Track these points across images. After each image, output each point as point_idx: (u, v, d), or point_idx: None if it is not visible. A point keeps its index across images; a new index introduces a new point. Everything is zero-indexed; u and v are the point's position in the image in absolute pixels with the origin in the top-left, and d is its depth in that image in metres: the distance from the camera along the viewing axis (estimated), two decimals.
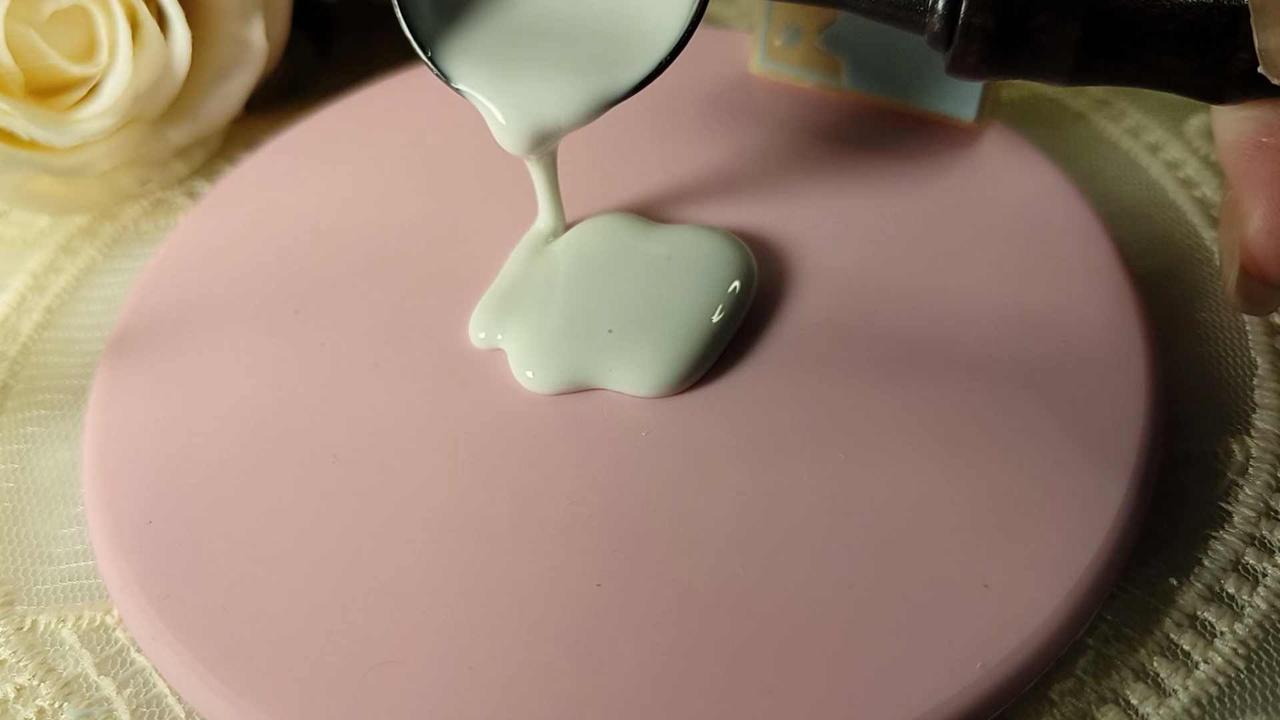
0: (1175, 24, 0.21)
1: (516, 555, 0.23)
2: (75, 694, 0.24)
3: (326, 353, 0.28)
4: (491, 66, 0.23)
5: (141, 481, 0.25)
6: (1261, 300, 0.23)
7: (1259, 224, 0.21)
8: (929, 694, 0.21)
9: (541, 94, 0.23)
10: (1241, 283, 0.22)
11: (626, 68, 0.23)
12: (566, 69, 0.23)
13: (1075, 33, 0.21)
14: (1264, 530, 0.25)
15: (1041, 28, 0.22)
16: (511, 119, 0.23)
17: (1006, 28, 0.22)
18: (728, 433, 0.25)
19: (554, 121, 0.23)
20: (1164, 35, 0.21)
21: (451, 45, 0.23)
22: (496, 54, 0.23)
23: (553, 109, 0.23)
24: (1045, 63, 0.22)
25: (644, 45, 0.23)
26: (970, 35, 0.22)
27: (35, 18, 0.30)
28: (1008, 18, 0.22)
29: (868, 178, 0.30)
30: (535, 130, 0.23)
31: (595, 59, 0.23)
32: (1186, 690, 0.22)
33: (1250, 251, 0.22)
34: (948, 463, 0.24)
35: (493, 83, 0.23)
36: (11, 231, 0.34)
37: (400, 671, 0.22)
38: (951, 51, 0.22)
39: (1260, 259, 0.21)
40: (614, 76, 0.23)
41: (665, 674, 0.22)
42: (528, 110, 0.23)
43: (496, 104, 0.23)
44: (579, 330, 0.26)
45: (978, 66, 0.22)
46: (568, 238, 0.29)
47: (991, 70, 0.23)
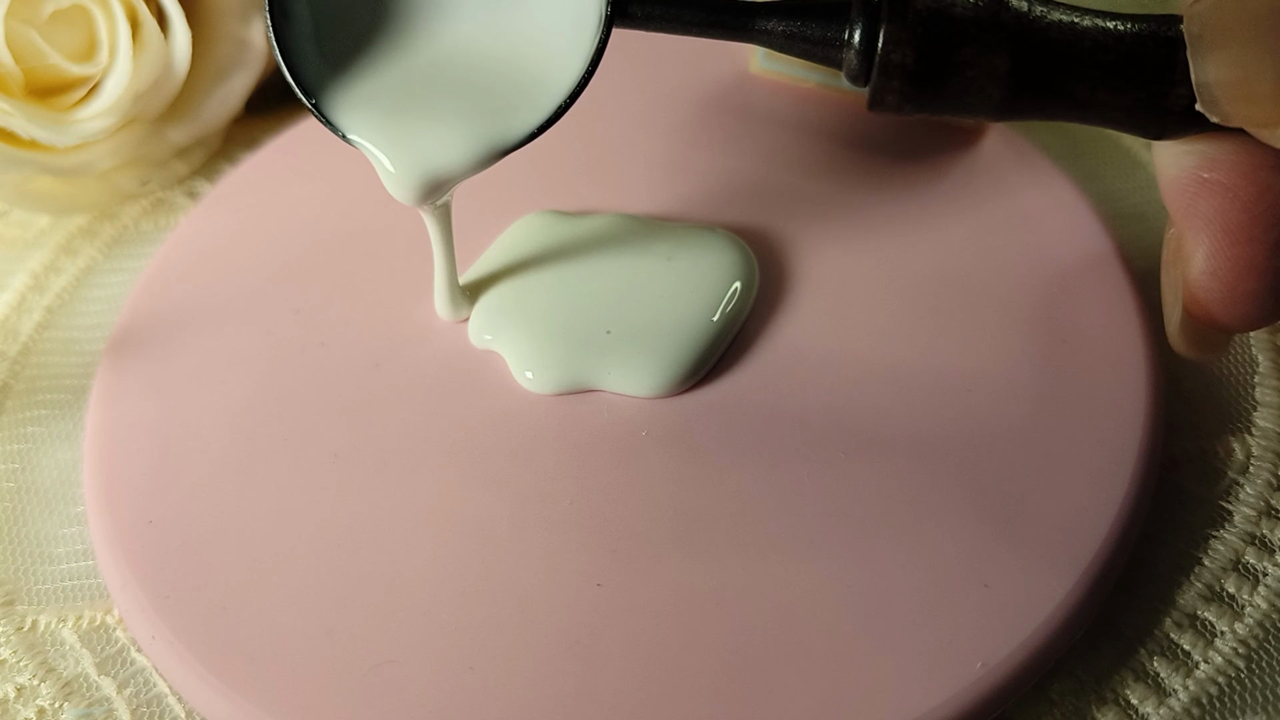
0: (1109, 56, 0.20)
1: (516, 555, 0.23)
2: (75, 694, 0.24)
3: (326, 353, 0.28)
4: (380, 115, 0.23)
5: (141, 481, 0.25)
6: (1206, 343, 0.22)
7: (1202, 264, 0.20)
8: (929, 694, 0.21)
9: (431, 142, 0.23)
10: (1185, 325, 0.21)
11: (518, 116, 0.23)
12: (457, 117, 0.23)
13: (1004, 66, 0.20)
14: (1264, 529, 0.25)
15: (967, 62, 0.20)
16: (400, 167, 0.23)
17: (929, 63, 0.21)
18: (728, 433, 0.25)
19: (444, 170, 0.23)
20: (1098, 68, 0.20)
21: (339, 93, 0.23)
22: (385, 102, 0.23)
23: (442, 157, 0.23)
24: (972, 99, 0.21)
25: (537, 94, 0.23)
26: (890, 72, 0.21)
27: (35, 17, 0.30)
28: (930, 52, 0.20)
29: (868, 178, 0.30)
30: (425, 179, 0.23)
31: (487, 108, 0.23)
32: (1187, 690, 0.22)
33: (1194, 293, 0.21)
34: (948, 462, 0.24)
35: (381, 131, 0.23)
36: (12, 231, 0.34)
37: (400, 671, 0.22)
38: (871, 89, 0.21)
39: (1204, 300, 0.21)
40: (506, 125, 0.23)
41: (665, 674, 0.22)
42: (417, 159, 0.23)
43: (385, 152, 0.23)
44: (579, 331, 0.26)
45: (899, 105, 0.21)
46: (567, 237, 0.29)
47: (915, 108, 0.21)
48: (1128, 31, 0.20)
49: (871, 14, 0.21)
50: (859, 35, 0.21)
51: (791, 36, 0.22)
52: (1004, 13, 0.20)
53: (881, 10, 0.21)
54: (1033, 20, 0.20)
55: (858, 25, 0.21)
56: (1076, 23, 0.21)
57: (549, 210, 0.30)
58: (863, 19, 0.21)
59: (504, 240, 0.29)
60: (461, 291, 0.27)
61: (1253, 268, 0.20)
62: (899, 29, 0.20)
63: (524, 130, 0.23)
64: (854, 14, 0.21)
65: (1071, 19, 0.21)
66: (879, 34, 0.21)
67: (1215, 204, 0.20)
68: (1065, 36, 0.20)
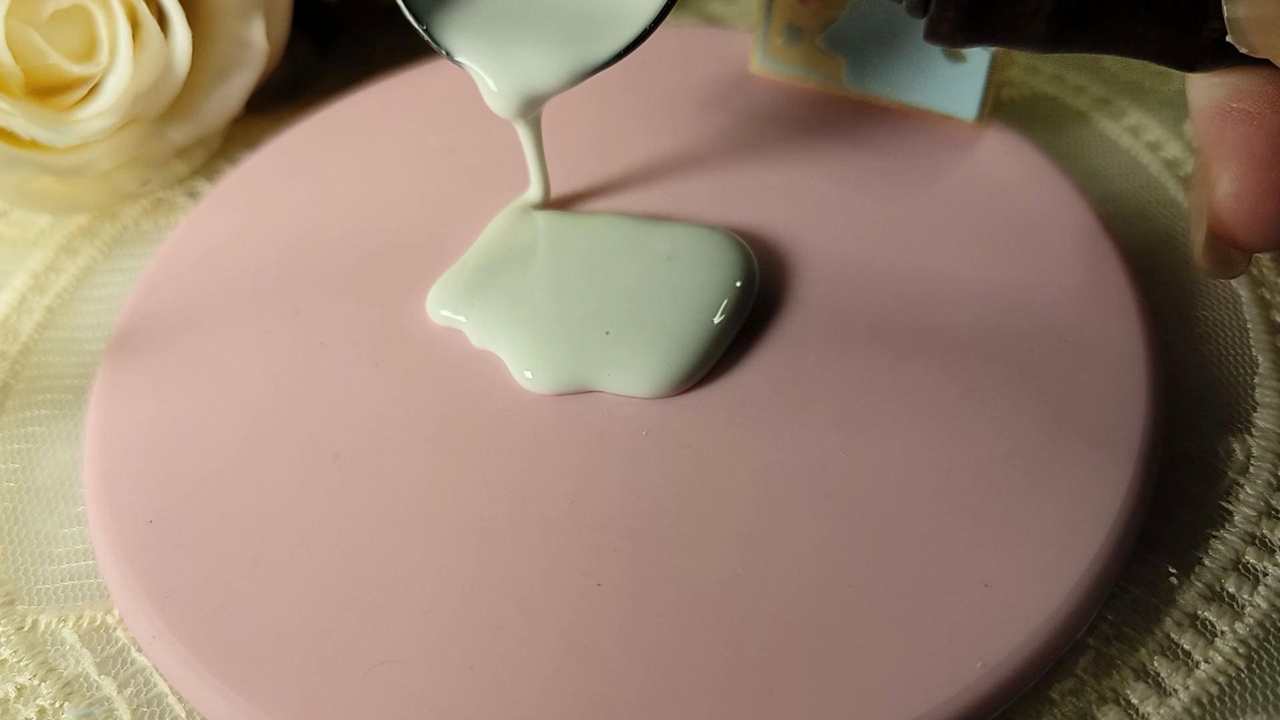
0: None
1: (516, 555, 0.23)
2: (76, 693, 0.24)
3: (326, 352, 0.28)
4: (483, 38, 0.26)
5: (142, 481, 0.25)
6: (1228, 262, 0.23)
7: (1227, 187, 0.22)
8: (929, 694, 0.21)
9: (528, 62, 0.25)
10: (1209, 244, 0.23)
11: (604, 41, 0.25)
12: (550, 40, 0.25)
13: (1049, 3, 0.22)
14: (1265, 529, 0.25)
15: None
16: (502, 85, 0.25)
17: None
18: (728, 432, 0.25)
19: (540, 86, 0.26)
20: (1135, 4, 0.22)
21: (446, 20, 0.26)
22: (487, 27, 0.26)
23: (539, 75, 0.25)
24: (1020, 30, 0.22)
25: (621, 21, 0.25)
26: (946, 3, 0.22)
27: (36, 17, 0.30)
28: None
29: (868, 177, 0.30)
30: (523, 95, 0.26)
31: (576, 32, 0.25)
32: (1187, 690, 0.22)
33: (1218, 214, 0.22)
34: (948, 462, 0.24)
35: (485, 52, 0.26)
36: (12, 231, 0.34)
37: (400, 671, 0.22)
38: (928, 19, 0.23)
39: (1228, 221, 0.22)
40: (593, 48, 0.25)
41: (665, 674, 0.22)
42: (516, 77, 0.25)
43: (489, 71, 0.25)
44: (578, 331, 0.26)
45: (953, 34, 0.23)
46: (566, 236, 0.29)
47: (967, 38, 0.23)
48: None
49: None
50: None
51: None
52: None
53: None
54: None
55: None
56: None
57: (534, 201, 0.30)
58: None
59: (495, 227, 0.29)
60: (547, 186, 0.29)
61: (1274, 191, 0.21)
62: None
63: (608, 53, 0.25)
64: None
65: None
66: None
67: (1241, 131, 0.22)
68: None
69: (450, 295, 0.28)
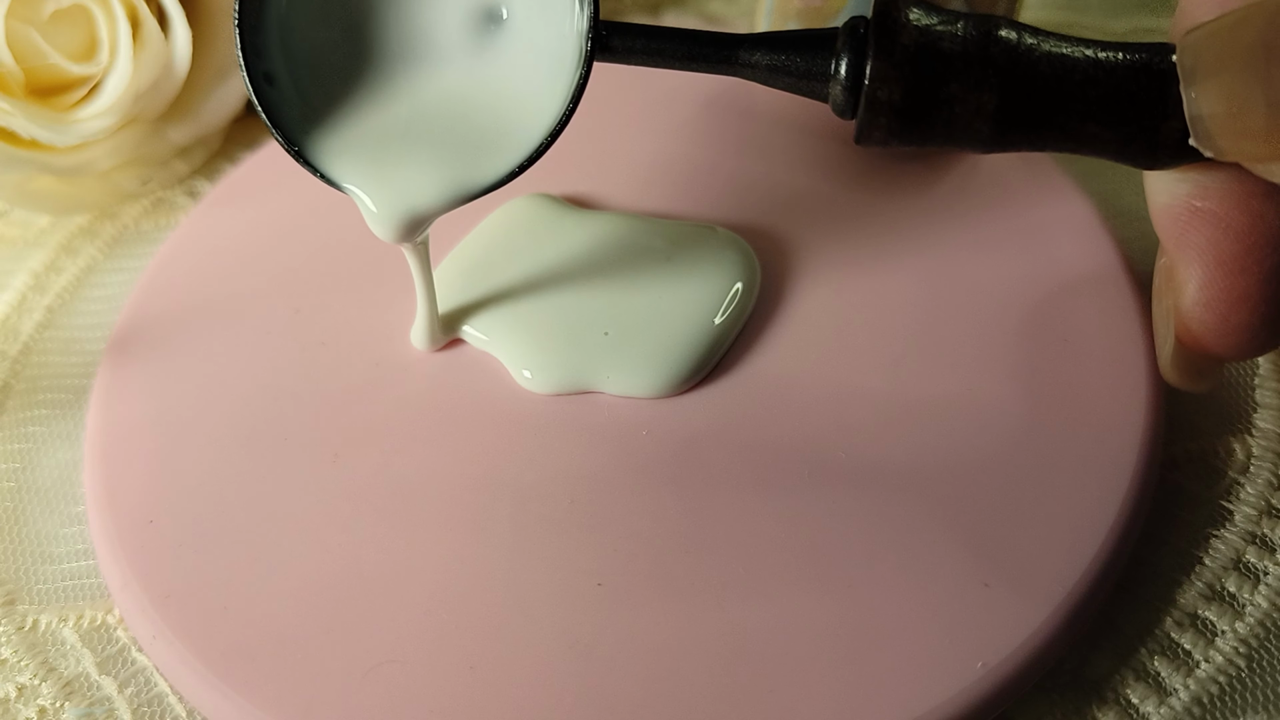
0: (1100, 90, 0.20)
1: (517, 555, 0.23)
2: (76, 693, 0.24)
3: (326, 352, 0.28)
4: (362, 160, 0.24)
5: (142, 481, 0.25)
6: (1200, 373, 0.21)
7: (1194, 294, 0.20)
8: (929, 694, 0.21)
9: (410, 184, 0.24)
10: (1178, 355, 0.21)
11: (496, 157, 0.23)
12: (436, 160, 0.24)
13: (991, 102, 0.20)
14: (1265, 528, 0.24)
15: (955, 98, 0.20)
16: (382, 208, 0.24)
17: (916, 100, 0.20)
18: (728, 432, 0.25)
19: (423, 210, 0.24)
20: (1087, 102, 0.20)
21: (322, 140, 0.24)
22: (367, 148, 0.24)
23: (421, 198, 0.23)
24: (960, 133, 0.20)
25: (515, 134, 0.23)
26: (876, 109, 0.20)
27: (36, 17, 0.30)
28: (917, 89, 0.20)
29: (869, 178, 0.30)
30: (405, 219, 0.24)
31: (465, 150, 0.23)
32: (1187, 689, 0.22)
33: (1187, 323, 0.20)
34: (948, 462, 0.24)
35: (363, 175, 0.24)
36: (12, 231, 0.34)
37: (401, 671, 0.22)
38: (857, 124, 0.21)
39: (1198, 331, 0.20)
40: (483, 166, 0.23)
41: (666, 674, 0.22)
42: (397, 200, 0.24)
43: (367, 194, 0.24)
44: (577, 331, 0.26)
45: (886, 140, 0.21)
46: (566, 236, 0.29)
47: (902, 143, 0.21)
48: (1119, 63, 0.20)
49: (857, 47, 0.20)
50: (844, 70, 0.20)
51: (775, 70, 0.21)
52: (993, 46, 0.20)
53: (868, 44, 0.20)
54: (1023, 53, 0.20)
55: (843, 59, 0.21)
56: (1067, 54, 0.20)
57: (540, 194, 0.30)
58: (848, 53, 0.20)
59: (493, 221, 0.29)
60: (441, 323, 0.27)
61: (1245, 298, 0.20)
62: (886, 65, 0.20)
63: (502, 171, 0.23)
64: (839, 47, 0.21)
65: (1061, 50, 0.20)
66: (865, 68, 0.20)
67: (1208, 233, 0.20)
68: (1055, 70, 0.20)
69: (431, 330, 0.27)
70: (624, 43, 0.22)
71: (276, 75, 0.23)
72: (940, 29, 0.20)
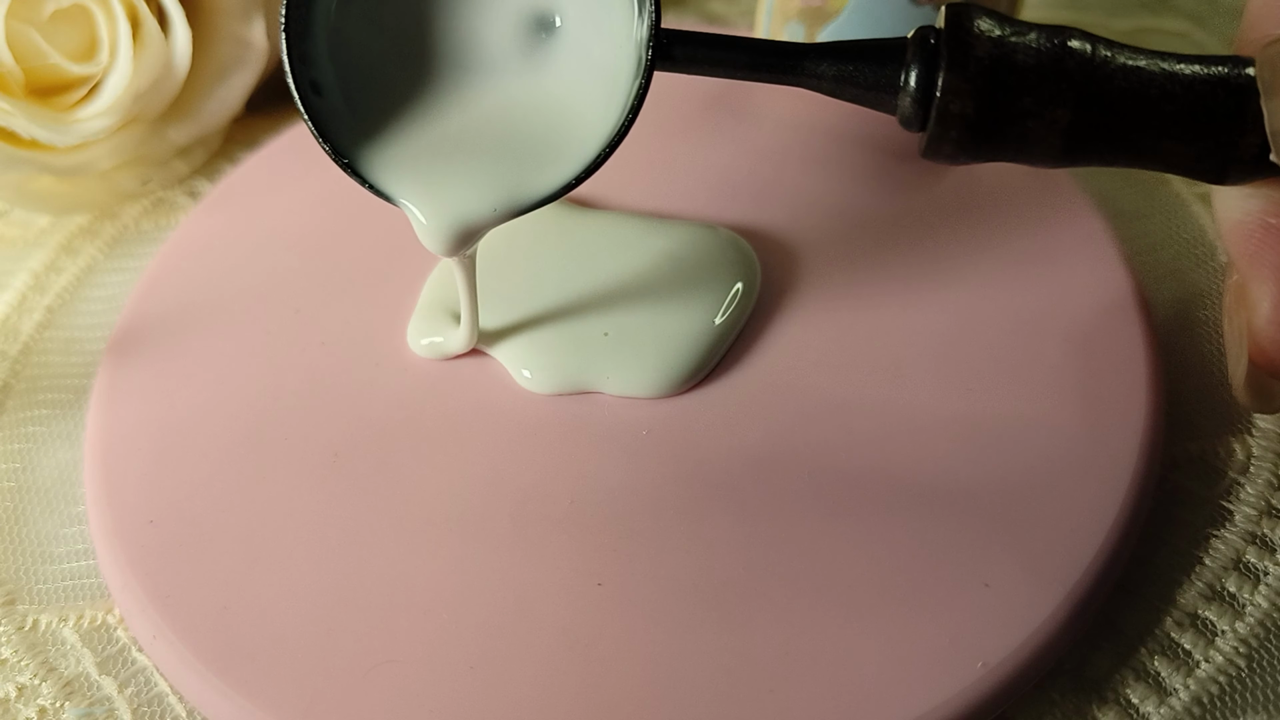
0: (1175, 106, 0.19)
1: (517, 555, 0.23)
2: (77, 693, 0.24)
3: (326, 352, 0.28)
4: (414, 173, 0.23)
5: (142, 481, 0.25)
6: (1274, 395, 0.21)
7: (1269, 313, 0.19)
8: (929, 694, 0.21)
9: (463, 199, 0.23)
10: (1252, 377, 0.20)
11: (550, 169, 0.23)
12: (489, 174, 0.23)
13: (1065, 117, 0.19)
14: (1265, 528, 0.24)
15: (1028, 112, 0.19)
16: (433, 221, 0.23)
17: (989, 114, 0.20)
18: (729, 432, 0.25)
19: (475, 225, 0.23)
20: (1163, 118, 0.19)
21: (373, 152, 0.23)
22: (419, 160, 0.23)
23: (473, 213, 0.23)
24: (1031, 148, 0.20)
25: (570, 146, 0.23)
26: (948, 122, 0.20)
27: (36, 17, 0.30)
28: (991, 103, 0.20)
29: (870, 178, 0.30)
30: (456, 233, 0.23)
31: (518, 163, 0.23)
32: (1187, 689, 0.22)
33: (1260, 343, 0.20)
34: (948, 462, 0.24)
35: (415, 188, 0.23)
36: (12, 231, 0.34)
37: (401, 671, 0.22)
38: (927, 138, 0.20)
39: (1271, 351, 0.20)
40: (537, 179, 0.23)
41: (665, 674, 0.22)
42: (449, 214, 0.23)
43: (418, 207, 0.23)
44: (577, 331, 0.26)
45: (955, 154, 0.20)
46: (566, 236, 0.29)
47: (971, 157, 0.21)
48: (1195, 77, 0.19)
49: (928, 59, 0.20)
50: (914, 82, 0.20)
51: (842, 80, 0.21)
52: (1068, 59, 0.19)
53: (940, 56, 0.20)
54: (1097, 66, 0.19)
55: (913, 70, 0.20)
56: (1142, 68, 0.19)
57: None
58: (918, 64, 0.20)
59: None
60: (475, 333, 0.27)
61: None
62: (958, 78, 0.19)
63: (556, 183, 0.23)
64: (909, 58, 0.20)
65: (1136, 63, 0.20)
66: (936, 80, 0.20)
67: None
68: (1130, 85, 0.19)
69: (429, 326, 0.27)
70: (686, 52, 0.21)
71: (324, 84, 0.23)
72: (1014, 40, 0.20)
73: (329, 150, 0.23)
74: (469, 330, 0.26)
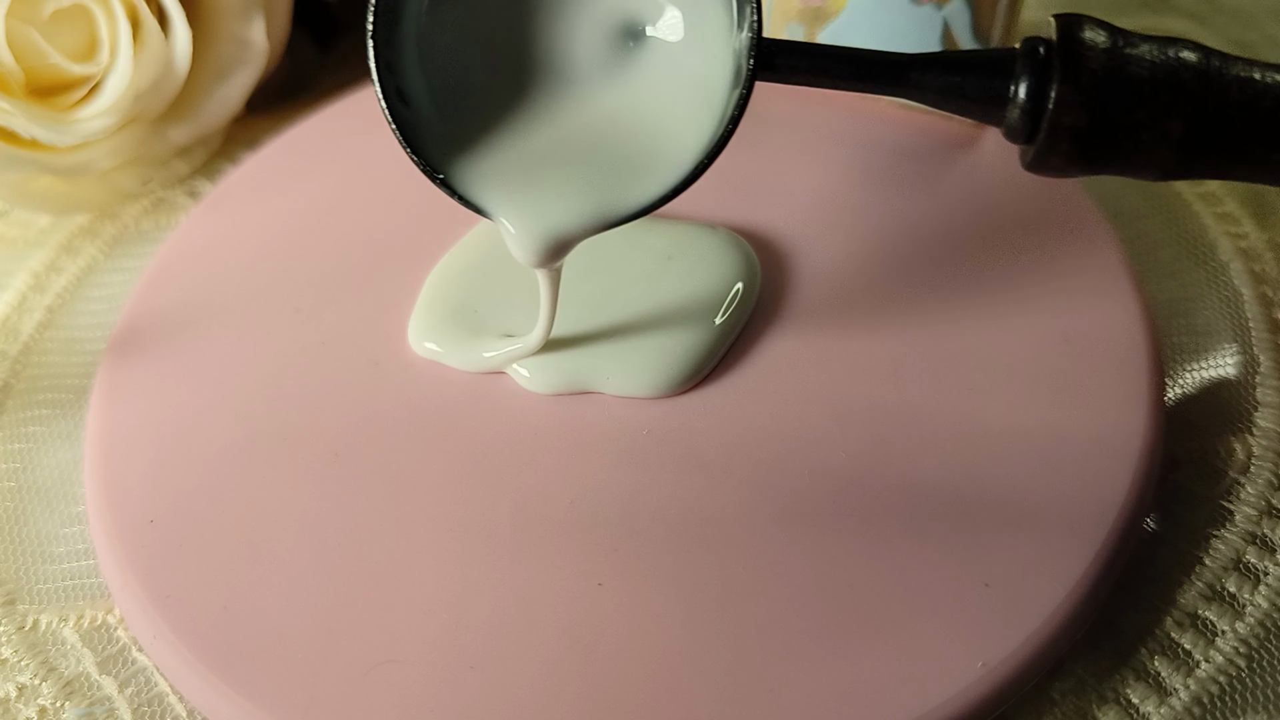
0: None
1: (517, 555, 0.23)
2: (77, 693, 0.24)
3: (327, 352, 0.28)
4: (506, 186, 0.23)
5: (142, 481, 0.25)
6: None
7: None
8: (929, 694, 0.21)
9: (556, 212, 0.23)
10: None
11: (645, 181, 0.22)
12: (583, 186, 0.23)
13: (1178, 130, 0.19)
14: (1265, 528, 0.24)
15: (1141, 125, 0.19)
16: (525, 234, 0.23)
17: (1101, 127, 0.19)
18: (729, 432, 0.25)
19: (568, 237, 0.23)
20: (1275, 130, 0.19)
21: (464, 162, 0.23)
22: (511, 173, 0.23)
23: (568, 226, 0.23)
24: (1142, 161, 0.20)
25: (665, 157, 0.22)
26: (1059, 134, 0.20)
27: (36, 17, 0.30)
28: (1103, 116, 0.19)
29: (870, 178, 0.30)
30: (548, 246, 0.23)
31: (612, 175, 0.23)
32: (1188, 689, 0.22)
33: None
34: (948, 462, 0.24)
35: (507, 201, 0.23)
36: (13, 231, 0.34)
37: (401, 671, 0.22)
38: (1035, 149, 0.20)
39: None
40: (631, 191, 0.23)
41: (666, 673, 0.22)
42: (542, 227, 0.23)
43: (511, 221, 0.23)
44: (578, 331, 0.26)
45: (1063, 167, 0.20)
46: None
47: (1079, 169, 0.20)
48: None
49: (1038, 70, 0.20)
50: (1025, 93, 0.20)
51: (948, 91, 0.21)
52: (1183, 71, 0.19)
53: (1052, 68, 0.19)
54: (1212, 79, 0.19)
55: (1023, 83, 0.20)
56: (1256, 79, 0.19)
57: None
58: (1029, 76, 0.20)
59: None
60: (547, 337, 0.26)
61: None
62: (1072, 90, 0.19)
63: (653, 195, 0.22)
64: (1019, 69, 0.20)
65: (1250, 74, 0.19)
66: (1048, 93, 0.19)
67: None
68: (1244, 96, 0.19)
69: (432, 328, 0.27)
70: (788, 61, 0.21)
71: (411, 93, 0.23)
72: (1127, 52, 0.19)
73: (420, 163, 0.22)
74: (542, 334, 0.26)
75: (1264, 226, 0.30)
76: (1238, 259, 0.30)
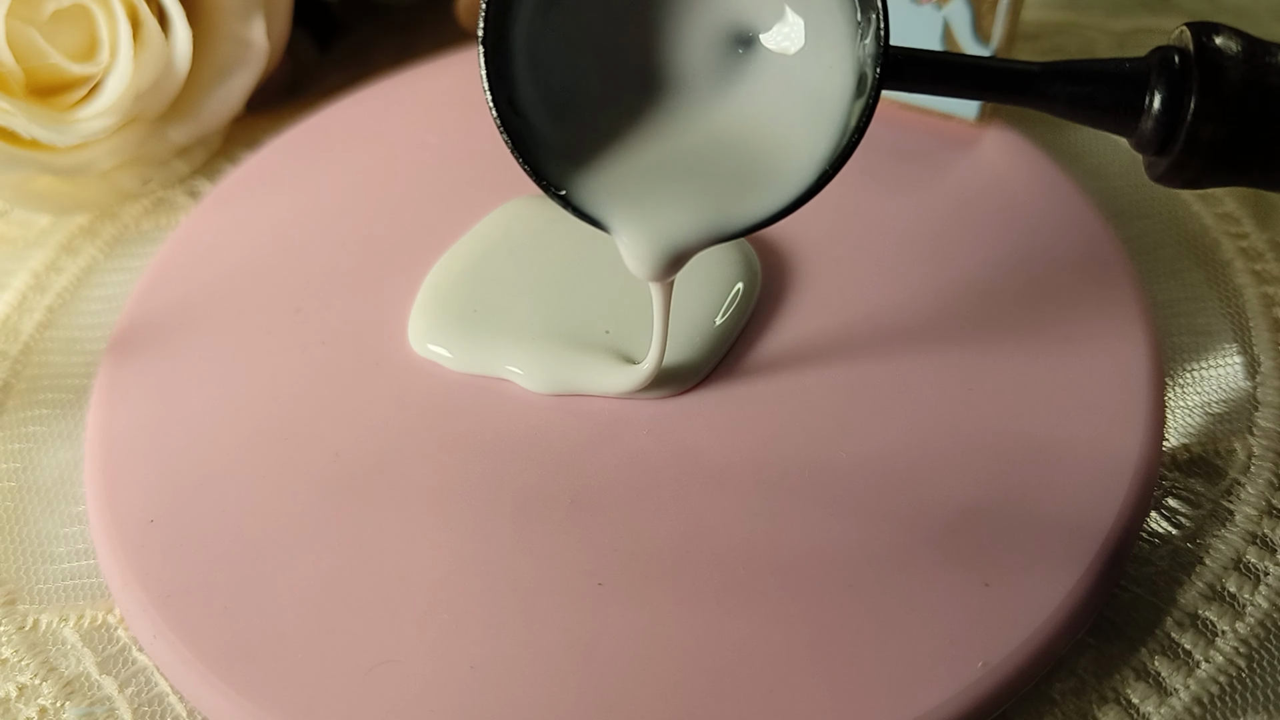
0: None
1: (517, 555, 0.23)
2: (77, 693, 0.24)
3: (327, 351, 0.28)
4: (623, 199, 0.22)
5: (142, 481, 0.25)
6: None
7: None
8: (929, 694, 0.21)
9: (671, 221, 0.22)
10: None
11: (762, 193, 0.22)
12: (701, 200, 0.22)
13: None
14: (1265, 529, 0.24)
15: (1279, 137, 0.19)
16: (643, 247, 0.22)
17: (1240, 139, 0.19)
18: (728, 432, 0.25)
19: (685, 251, 0.22)
20: None
21: (579, 174, 0.22)
22: (629, 186, 0.22)
23: (685, 239, 0.22)
24: (1277, 173, 0.19)
25: (781, 168, 0.22)
26: (1196, 147, 0.19)
27: (36, 17, 0.30)
28: (1242, 128, 0.19)
29: (870, 178, 0.30)
30: (666, 259, 0.23)
31: (730, 187, 0.22)
32: (1188, 689, 0.22)
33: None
34: (949, 461, 0.24)
35: (625, 215, 0.22)
36: (13, 231, 0.34)
37: (401, 671, 0.22)
38: (1169, 161, 0.20)
39: None
40: (749, 203, 0.22)
41: (666, 674, 0.22)
42: (660, 240, 0.22)
43: (628, 234, 0.22)
44: (578, 331, 0.26)
45: (1196, 179, 0.20)
46: (566, 236, 0.29)
47: (1212, 180, 0.20)
48: None
49: (1174, 81, 0.19)
50: (1160, 105, 0.19)
51: (1077, 102, 0.20)
52: None
53: (1189, 80, 0.19)
54: None
55: (1158, 94, 0.19)
56: None
57: (535, 197, 0.30)
58: (1164, 88, 0.19)
59: (493, 221, 0.29)
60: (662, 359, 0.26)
61: None
62: (1211, 103, 0.19)
63: (770, 208, 0.22)
64: (1154, 80, 0.20)
65: None
66: (1186, 105, 0.19)
67: None
68: None
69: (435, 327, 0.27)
70: (914, 70, 0.21)
71: (523, 104, 0.22)
72: (1267, 61, 0.19)
73: (535, 177, 0.22)
74: (656, 357, 0.25)
75: (1264, 226, 0.30)
76: (1238, 259, 0.30)
